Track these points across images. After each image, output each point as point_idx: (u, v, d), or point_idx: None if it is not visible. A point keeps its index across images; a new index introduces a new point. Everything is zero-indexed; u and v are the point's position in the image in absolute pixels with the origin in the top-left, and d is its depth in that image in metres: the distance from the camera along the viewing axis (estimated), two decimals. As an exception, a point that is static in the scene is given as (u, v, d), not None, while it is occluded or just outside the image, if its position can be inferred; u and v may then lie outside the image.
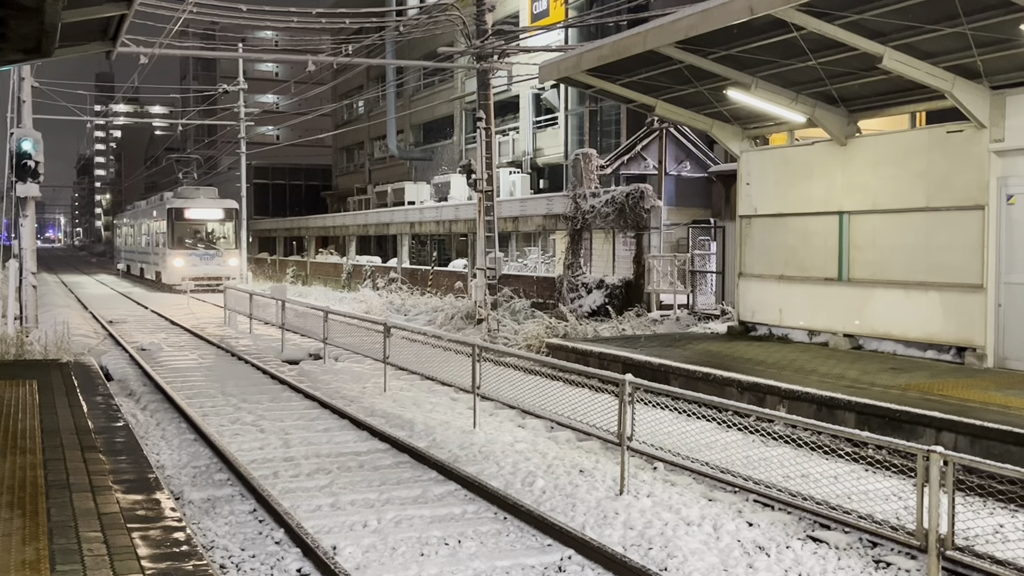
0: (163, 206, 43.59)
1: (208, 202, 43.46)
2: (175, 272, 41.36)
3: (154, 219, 46.37)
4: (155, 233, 46.13)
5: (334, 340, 17.17)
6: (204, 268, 41.48)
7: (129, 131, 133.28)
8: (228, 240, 43.04)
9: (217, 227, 42.95)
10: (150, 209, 49.00)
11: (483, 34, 23.44)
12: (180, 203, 42.71)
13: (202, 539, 7.38)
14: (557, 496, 8.67)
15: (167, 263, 42.26)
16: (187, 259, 41.61)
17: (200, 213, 42.73)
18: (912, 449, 6.38)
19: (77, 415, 10.62)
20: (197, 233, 42.33)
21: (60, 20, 9.66)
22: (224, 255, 42.34)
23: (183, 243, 41.92)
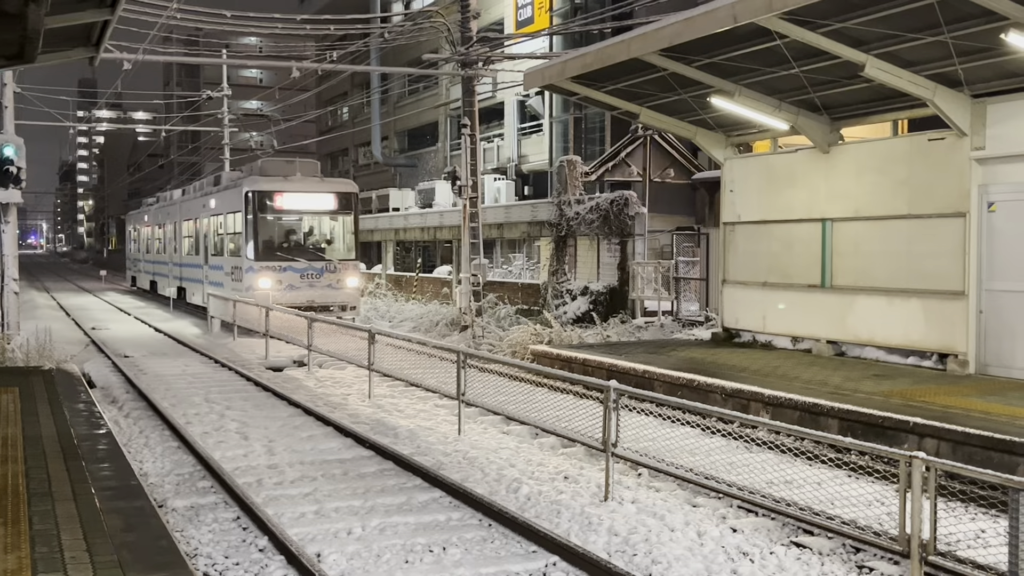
0: (235, 189, 25.89)
1: (311, 183, 25.97)
2: (258, 297, 23.25)
3: (212, 211, 28.62)
4: (214, 235, 28.54)
5: (318, 347, 17.13)
6: (307, 292, 24.62)
7: (112, 137, 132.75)
8: (343, 245, 26.15)
9: (326, 223, 26.35)
10: (203, 197, 30.34)
11: (468, 41, 23.46)
12: (267, 184, 25.06)
13: (185, 547, 7.35)
14: (542, 502, 8.68)
15: (247, 282, 24.52)
16: (278, 276, 24.53)
17: (300, 200, 25.59)
18: (894, 455, 6.42)
19: (60, 423, 10.56)
20: (292, 234, 25.52)
21: (43, 26, 9.62)
22: (339, 269, 25.28)
23: (272, 250, 24.90)
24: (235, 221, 25.54)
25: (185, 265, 32.63)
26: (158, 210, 39.39)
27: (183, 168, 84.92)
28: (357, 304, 25.59)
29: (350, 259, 25.74)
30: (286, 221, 25.60)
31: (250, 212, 24.55)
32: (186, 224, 32.64)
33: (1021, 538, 5.63)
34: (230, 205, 26.16)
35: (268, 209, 24.86)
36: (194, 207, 31.36)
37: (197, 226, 30.65)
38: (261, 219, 24.83)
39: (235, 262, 25.45)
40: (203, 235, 29.58)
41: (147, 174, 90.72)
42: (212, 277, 27.95)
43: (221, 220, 27.35)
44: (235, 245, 25.73)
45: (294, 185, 25.26)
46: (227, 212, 26.52)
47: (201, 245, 29.89)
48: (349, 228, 26.15)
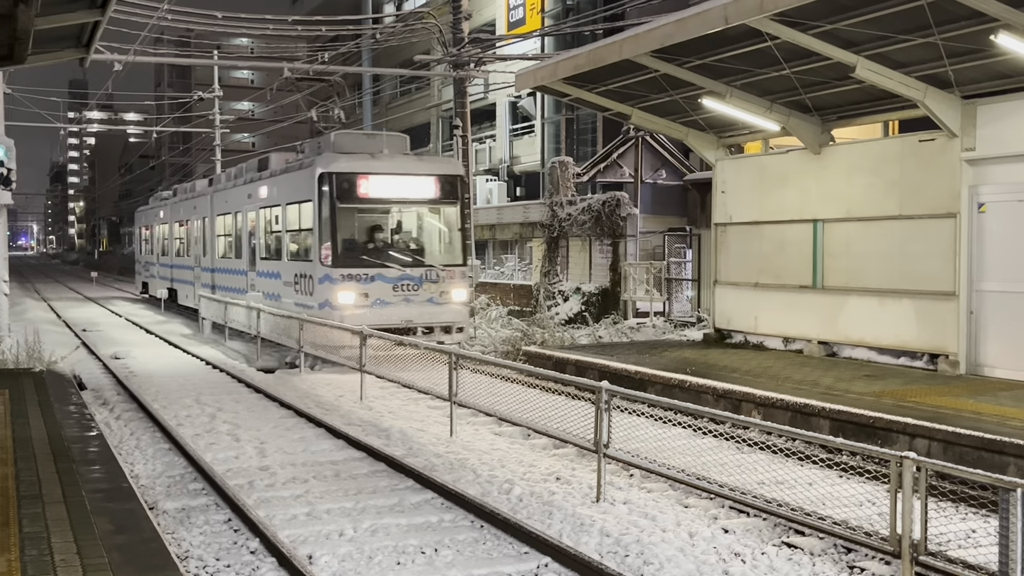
0: (302, 172, 19.54)
1: (406, 162, 19.52)
2: (339, 315, 17.88)
3: (263, 203, 22.14)
4: (265, 233, 22.26)
5: (310, 348, 17.08)
6: (402, 308, 18.35)
7: (103, 138, 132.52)
8: (447, 245, 19.85)
9: (426, 216, 20.01)
10: (247, 186, 23.66)
11: (460, 42, 23.47)
12: (348, 164, 18.67)
13: (176, 549, 7.33)
14: (534, 504, 8.67)
15: (320, 296, 18.38)
16: (364, 288, 18.22)
17: (392, 185, 18.99)
18: (885, 455, 6.43)
19: (50, 424, 10.52)
20: (379, 231, 19.14)
21: (33, 26, 9.60)
22: (443, 279, 18.84)
23: (355, 252, 18.54)
24: (301, 214, 19.31)
25: (220, 271, 26.21)
26: (178, 205, 32.54)
27: (174, 169, 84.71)
28: (465, 325, 18.80)
29: (457, 264, 18.96)
30: (373, 213, 19.03)
31: (326, 201, 18.09)
32: (221, 220, 26.23)
33: (1011, 538, 5.64)
34: (293, 193, 19.76)
35: (351, 197, 18.30)
36: (233, 199, 24.70)
37: (237, 222, 24.21)
38: (341, 211, 18.22)
39: (301, 268, 19.03)
40: (247, 234, 23.27)
41: (138, 175, 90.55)
42: (262, 286, 21.89)
43: (277, 214, 20.92)
44: (299, 246, 19.72)
45: (384, 165, 18.58)
46: (288, 203, 20.16)
47: (244, 246, 23.51)
48: (455, 223, 19.40)
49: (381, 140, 19.87)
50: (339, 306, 17.76)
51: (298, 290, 19.35)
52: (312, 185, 18.40)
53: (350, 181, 18.31)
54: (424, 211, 19.67)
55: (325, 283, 18.01)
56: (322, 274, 18.08)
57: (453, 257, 19.29)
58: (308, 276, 18.75)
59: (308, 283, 18.77)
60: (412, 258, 18.72)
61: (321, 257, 18.12)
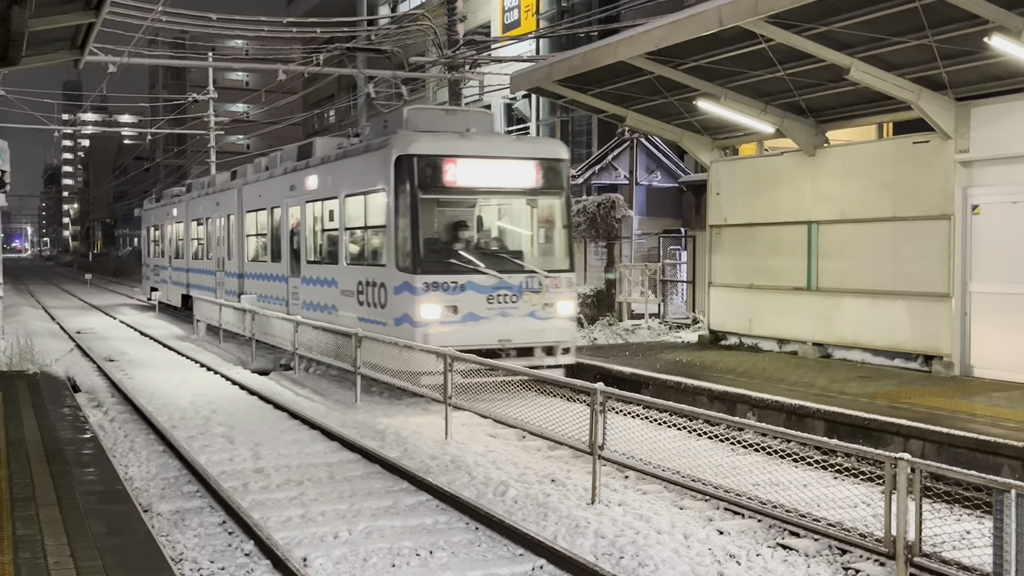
0: (372, 156, 15.70)
1: (499, 143, 16.19)
2: (422, 333, 14.18)
3: (312, 196, 18.56)
4: (314, 232, 18.73)
5: (304, 350, 17.02)
6: (498, 324, 14.67)
7: (97, 140, 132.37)
8: (550, 246, 16.19)
9: (522, 209, 16.31)
10: (288, 176, 20.04)
11: (455, 44, 23.46)
12: (431, 144, 14.94)
13: (171, 552, 7.31)
14: (529, 506, 8.67)
15: (397, 308, 14.65)
16: (451, 300, 14.49)
17: (485, 172, 15.27)
18: (880, 457, 6.44)
19: (44, 427, 10.49)
20: (463, 228, 15.49)
21: (27, 28, 9.59)
22: (546, 288, 15.06)
23: (441, 255, 14.88)
24: (368, 208, 15.69)
25: (252, 277, 22.71)
26: (196, 201, 28.97)
27: (169, 171, 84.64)
28: (572, 345, 15.10)
29: (562, 270, 15.24)
30: (462, 206, 15.55)
31: (405, 191, 14.41)
32: (252, 218, 22.68)
33: (1006, 539, 5.65)
34: (357, 181, 16.16)
35: (436, 186, 14.68)
36: (270, 192, 21.10)
37: (274, 220, 20.73)
38: (425, 203, 14.57)
39: (368, 274, 15.53)
40: (288, 233, 19.73)
41: (133, 177, 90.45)
42: (308, 296, 18.40)
43: (332, 208, 17.23)
44: (365, 247, 16.12)
45: (476, 146, 15.03)
46: (349, 194, 16.45)
47: (284, 248, 19.93)
48: (560, 218, 15.64)
49: (465, 116, 16.37)
50: (422, 322, 14.02)
51: (363, 302, 15.66)
52: (386, 171, 14.65)
53: (435, 166, 14.58)
54: (522, 203, 15.86)
55: (403, 293, 14.26)
56: (399, 282, 14.34)
57: (557, 261, 15.44)
58: (378, 285, 15.05)
59: (378, 293, 15.06)
60: (510, 262, 14.89)
61: (399, 261, 14.37)
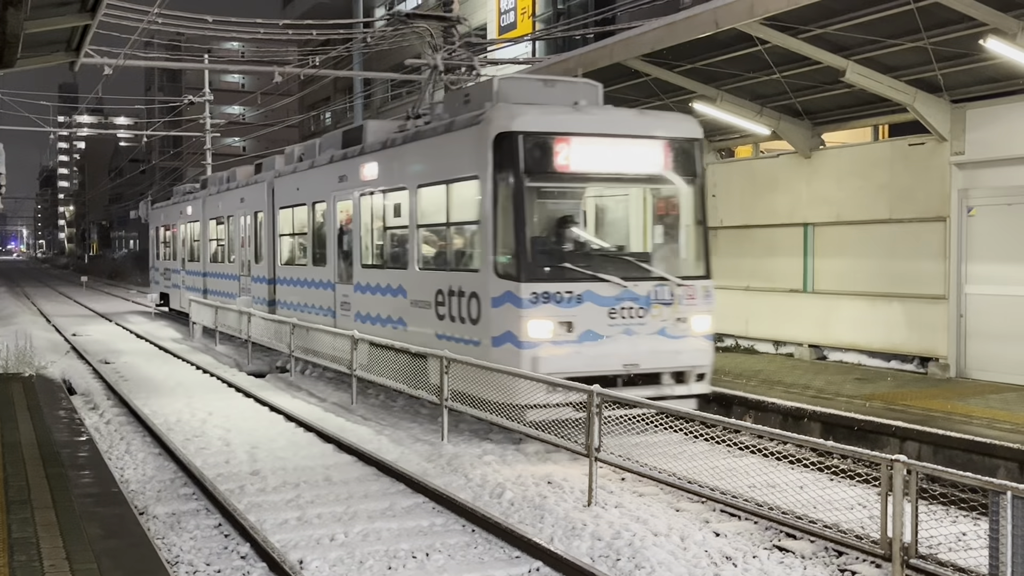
0: (461, 134, 12.44)
1: (620, 117, 12.60)
2: (531, 356, 11.15)
3: (368, 187, 15.38)
4: (369, 232, 15.69)
5: (300, 353, 17.00)
6: (622, 344, 11.54)
7: (93, 142, 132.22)
8: (682, 245, 12.76)
9: (651, 199, 13.00)
10: (335, 165, 16.89)
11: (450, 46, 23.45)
12: (539, 120, 11.70)
13: (167, 554, 7.30)
14: (525, 508, 8.66)
15: (496, 324, 11.52)
16: (565, 314, 11.34)
17: (608, 152, 11.97)
18: (876, 458, 6.44)
19: (39, 429, 10.47)
20: (579, 223, 12.79)
21: (22, 30, 9.57)
22: (679, 299, 11.89)
23: (552, 256, 11.83)
24: (453, 199, 12.76)
25: (286, 282, 19.76)
26: (214, 198, 26.03)
27: (165, 173, 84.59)
28: (708, 370, 12.12)
29: (698, 276, 12.22)
30: (576, 197, 13.00)
31: (509, 178, 11.51)
32: (287, 216, 19.74)
33: (1002, 540, 5.65)
34: (438, 168, 13.11)
35: (546, 171, 11.78)
36: (310, 185, 18.20)
37: (318, 217, 17.87)
38: (533, 193, 11.83)
39: (453, 282, 12.51)
40: (335, 232, 16.73)
41: (128, 179, 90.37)
42: (365, 306, 15.33)
43: (400, 202, 14.21)
44: (446, 248, 13.17)
45: (595, 122, 12.04)
46: (425, 183, 13.41)
47: (331, 249, 16.91)
48: (693, 210, 12.57)
49: (568, 88, 12.94)
50: (530, 341, 11.14)
51: (444, 315, 12.69)
52: (481, 153, 11.66)
53: (545, 146, 11.56)
54: (648, 193, 12.84)
55: (505, 306, 11.35)
56: (499, 291, 11.41)
57: (691, 265, 12.43)
58: (468, 295, 12.09)
59: (467, 305, 12.10)
60: (636, 267, 12.01)
61: (498, 265, 11.51)
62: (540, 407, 10.40)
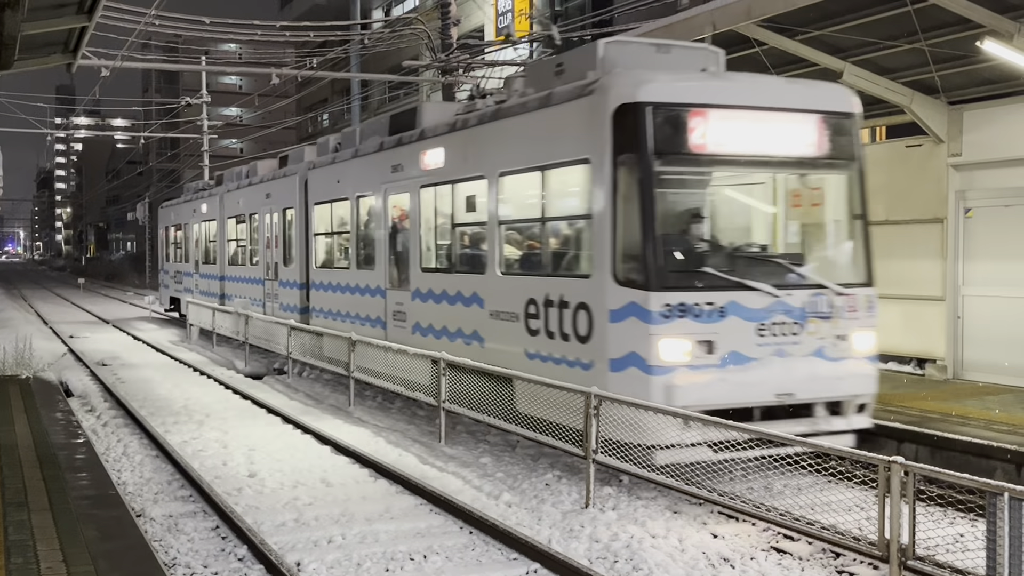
0: (579, 103, 9.92)
1: (761, 86, 10.39)
2: (663, 384, 8.99)
3: (437, 175, 13.11)
4: (452, 227, 12.87)
5: (298, 354, 16.98)
6: (774, 368, 9.39)
7: (90, 144, 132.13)
8: (840, 244, 10.56)
9: (800, 187, 10.61)
10: (389, 152, 14.67)
11: (448, 48, 23.48)
12: (676, 87, 9.55)
13: (164, 556, 7.29)
14: (523, 510, 8.66)
15: (623, 342, 9.28)
16: (706, 331, 9.20)
17: (753, 129, 9.65)
18: (873, 460, 6.45)
19: (36, 431, 10.46)
20: (704, 218, 10.33)
21: (20, 32, 9.58)
22: (840, 310, 9.77)
23: (686, 259, 9.78)
24: (553, 189, 10.78)
25: (323, 288, 17.58)
26: (234, 195, 24.01)
27: (162, 175, 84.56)
28: (870, 398, 10.03)
29: (858, 283, 10.18)
30: (713, 185, 10.92)
31: (633, 161, 9.44)
32: (323, 212, 17.80)
33: (999, 542, 5.66)
34: (530, 152, 10.93)
35: (680, 152, 9.68)
36: (355, 176, 16.09)
37: (363, 213, 15.90)
38: (664, 180, 9.72)
39: (554, 290, 10.39)
40: (389, 230, 14.68)
41: (125, 181, 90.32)
42: (429, 318, 13.23)
43: (476, 194, 12.22)
44: (541, 249, 10.98)
45: (733, 91, 9.89)
46: (510, 171, 11.36)
47: (382, 250, 14.87)
48: (852, 202, 10.49)
49: (687, 55, 10.96)
50: (663, 365, 9.08)
51: (539, 330, 10.59)
52: (596, 130, 9.60)
53: (680, 121, 9.44)
54: (798, 179, 10.60)
55: (628, 321, 9.26)
56: (620, 302, 9.32)
57: (850, 269, 10.32)
58: (575, 307, 9.92)
59: (574, 320, 9.94)
60: (787, 272, 9.92)
61: (619, 270, 9.39)
62: (672, 447, 8.58)
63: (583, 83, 10.04)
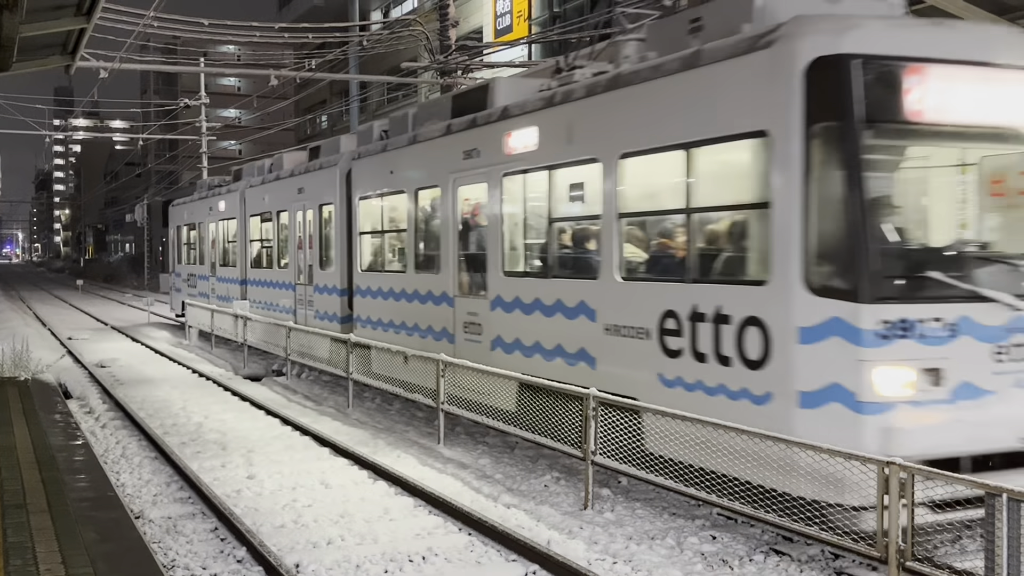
0: (752, 58, 7.81)
1: (991, 37, 7.87)
2: (879, 426, 7.03)
3: (525, 159, 11.02)
4: (554, 221, 10.63)
5: (297, 356, 16.97)
6: (1018, 403, 7.33)
7: (89, 146, 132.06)
8: None
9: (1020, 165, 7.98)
10: (467, 132, 12.39)
11: (447, 49, 23.49)
12: (879, 34, 7.44)
13: (163, 558, 7.30)
14: (522, 511, 8.66)
15: (818, 371, 7.31)
16: (931, 356, 7.20)
17: (982, 92, 7.50)
18: (872, 460, 6.45)
19: (35, 433, 10.46)
20: (939, 206, 8.21)
21: (18, 34, 9.58)
22: None
23: (904, 262, 7.50)
24: (709, 171, 8.67)
25: (369, 294, 15.49)
26: (259, 191, 21.92)
27: (160, 176, 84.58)
28: None
29: None
30: (932, 163, 8.46)
31: (834, 133, 7.43)
32: (373, 207, 15.57)
33: (997, 543, 5.67)
34: (674, 125, 8.82)
35: (897, 121, 7.56)
36: (411, 167, 14.06)
37: (421, 208, 13.89)
38: (874, 158, 7.54)
39: (718, 300, 8.31)
40: (459, 226, 12.71)
41: (124, 183, 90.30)
42: (518, 331, 11.28)
43: (585, 182, 10.27)
44: (688, 250, 8.75)
45: (963, 42, 7.71)
46: (633, 152, 9.36)
47: (450, 251, 12.80)
48: None
49: (867, 4, 8.58)
50: (880, 400, 7.21)
51: (681, 350, 8.64)
52: (778, 92, 7.69)
53: (897, 80, 7.49)
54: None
55: (829, 341, 7.39)
56: (816, 317, 7.44)
57: None
58: (741, 322, 8.03)
59: (739, 338, 8.06)
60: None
61: (813, 274, 7.50)
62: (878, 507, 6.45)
63: (754, 34, 8.02)
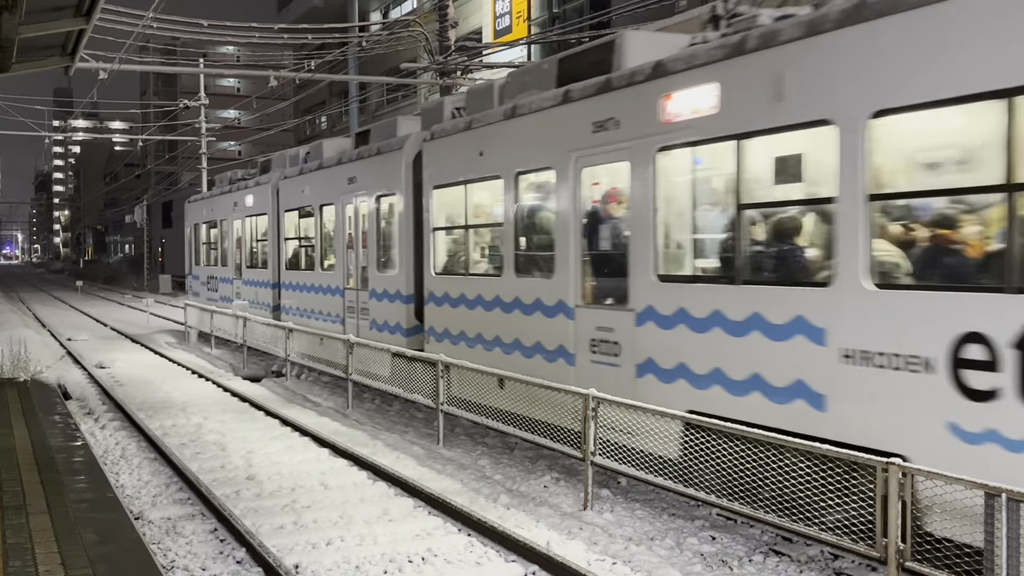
0: None
1: None
2: None
3: (717, 125, 8.04)
4: (735, 213, 7.94)
5: (296, 357, 16.97)
6: None
7: (88, 147, 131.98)
8: None
9: None
10: (585, 101, 9.81)
11: (446, 50, 23.50)
12: None
13: (162, 559, 7.29)
14: (521, 512, 8.66)
15: None
16: None
17: None
18: (871, 461, 6.45)
19: (34, 434, 10.46)
20: None
21: (17, 35, 9.58)
22: None
23: None
24: None
25: (446, 301, 12.95)
26: (293, 183, 19.70)
27: (160, 177, 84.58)
28: None
29: None
30: None
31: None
32: (454, 198, 12.99)
33: (996, 543, 5.66)
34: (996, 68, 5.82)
35: None
36: (508, 147, 11.49)
37: (523, 198, 11.45)
38: None
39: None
40: (575, 223, 10.20)
41: (123, 184, 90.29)
42: (669, 354, 8.81)
43: (806, 154, 7.69)
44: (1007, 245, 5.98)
45: None
46: (906, 104, 6.49)
47: (571, 252, 10.29)
48: None
49: None
50: None
51: (999, 391, 5.99)
52: None
53: None
54: None
55: None
56: None
57: None
58: None
59: None
60: None
61: None
62: None
63: None
